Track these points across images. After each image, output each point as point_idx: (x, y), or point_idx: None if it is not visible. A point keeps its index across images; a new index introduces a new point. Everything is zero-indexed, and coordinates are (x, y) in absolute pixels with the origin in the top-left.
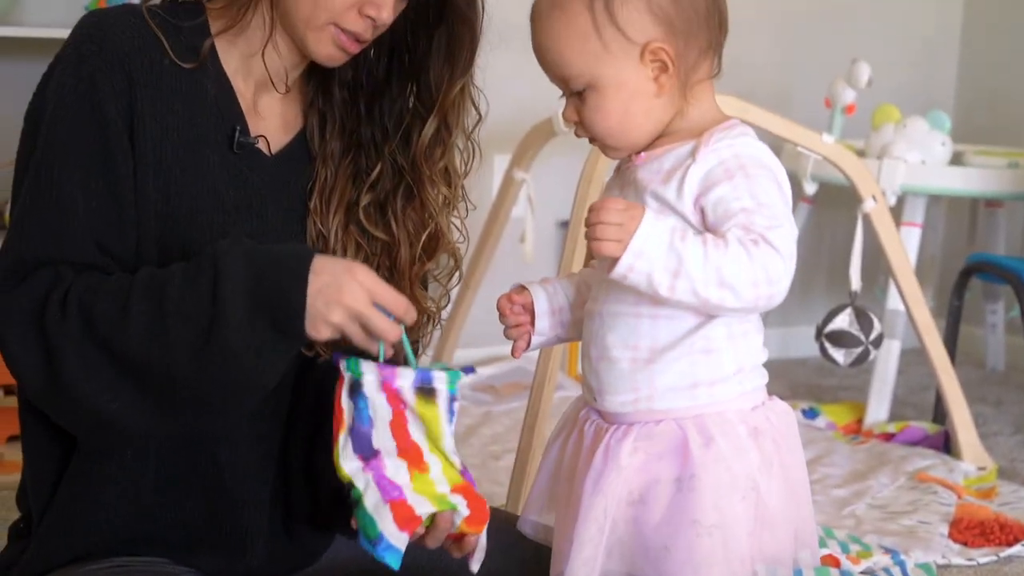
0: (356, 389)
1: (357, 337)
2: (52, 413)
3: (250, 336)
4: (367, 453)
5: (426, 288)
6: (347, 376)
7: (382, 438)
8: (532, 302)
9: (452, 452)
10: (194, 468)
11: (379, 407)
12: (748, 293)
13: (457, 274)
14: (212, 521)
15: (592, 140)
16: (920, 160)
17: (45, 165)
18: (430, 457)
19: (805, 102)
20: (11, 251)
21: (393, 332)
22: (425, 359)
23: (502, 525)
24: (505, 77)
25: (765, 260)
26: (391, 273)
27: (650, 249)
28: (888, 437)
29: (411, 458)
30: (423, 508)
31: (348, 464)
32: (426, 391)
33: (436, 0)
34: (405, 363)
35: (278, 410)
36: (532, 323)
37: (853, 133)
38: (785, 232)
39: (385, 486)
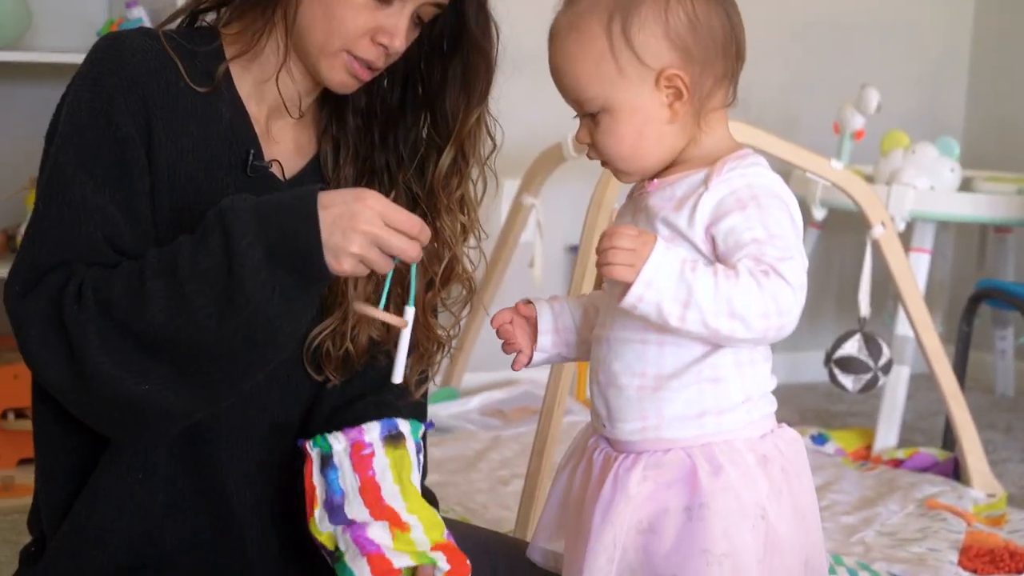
0: (326, 463)
1: (377, 263)
2: (82, 410)
3: (271, 282)
4: (344, 526)
5: (436, 316)
6: (315, 453)
7: (355, 508)
8: (536, 317)
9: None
10: (202, 492)
11: (348, 476)
12: (758, 324)
13: (470, 304)
14: (218, 545)
15: (604, 163)
16: (929, 186)
17: (57, 172)
18: (409, 517)
19: (814, 127)
20: (25, 258)
21: (412, 249)
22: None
23: (511, 551)
24: (515, 103)
25: (776, 291)
26: (403, 299)
27: (661, 279)
28: (897, 463)
29: (390, 520)
30: (402, 562)
31: (326, 527)
32: (393, 437)
33: (451, 30)
34: (407, 294)
35: (286, 437)
36: (535, 339)
37: (862, 159)
38: (796, 264)
39: (364, 543)
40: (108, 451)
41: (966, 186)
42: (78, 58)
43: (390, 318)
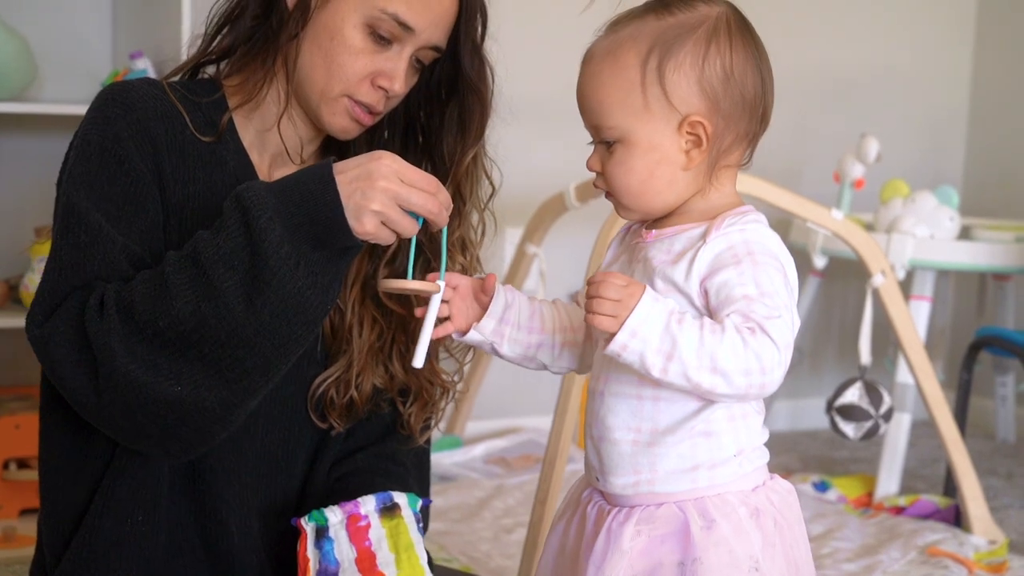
0: (321, 535)
1: (400, 222)
2: (119, 428)
3: (294, 256)
4: None
5: (439, 360)
6: (310, 527)
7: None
8: (491, 298)
9: (424, 562)
10: (203, 535)
11: (344, 547)
12: (740, 381)
13: (472, 349)
14: None
15: (608, 195)
16: (929, 234)
17: (71, 207)
18: None
19: (815, 177)
20: (46, 285)
21: (432, 204)
22: (436, 433)
23: None
24: (517, 151)
25: (760, 350)
26: (407, 347)
27: (645, 330)
28: (899, 510)
29: None
30: None
31: None
32: (388, 509)
33: (447, 76)
34: (437, 258)
35: (289, 482)
36: (479, 316)
37: (862, 207)
38: (783, 323)
39: None
40: (109, 493)
41: (965, 234)
42: (82, 109)
43: (420, 285)
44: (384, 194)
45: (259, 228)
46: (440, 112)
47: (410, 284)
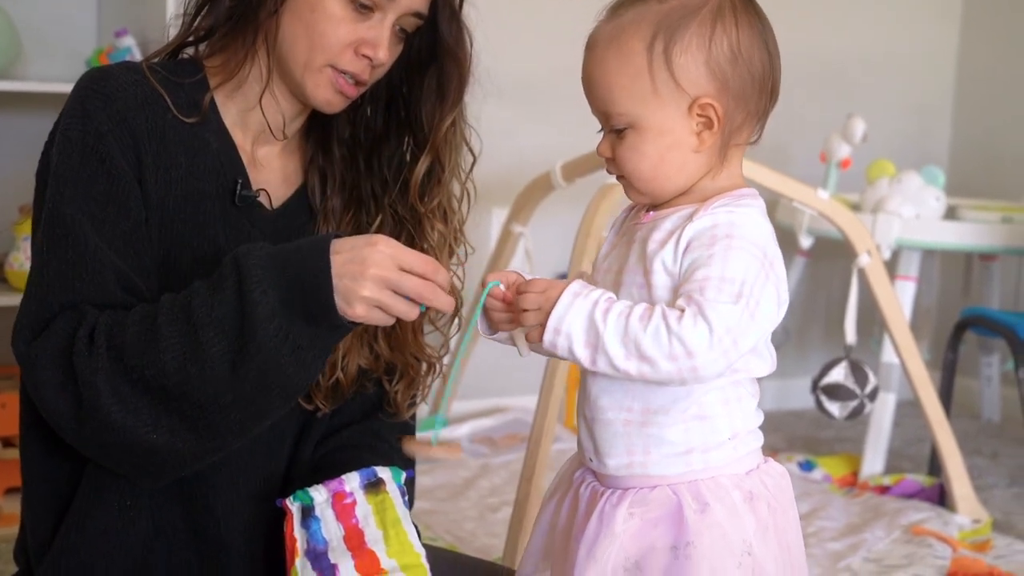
0: (307, 514)
1: (395, 307)
2: (91, 453)
3: (283, 331)
4: (326, 570)
5: (423, 334)
6: (295, 507)
7: (338, 554)
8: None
9: (413, 536)
10: (189, 520)
11: (331, 526)
12: (667, 366)
13: (456, 320)
14: (206, 574)
15: (619, 178)
16: (915, 214)
17: (58, 216)
18: (388, 563)
19: (801, 157)
20: (34, 300)
21: (426, 289)
22: (423, 409)
23: None
24: (504, 131)
25: (684, 333)
26: (396, 322)
27: (567, 325)
28: (884, 490)
29: (369, 568)
30: None
31: (308, 574)
32: (372, 485)
33: (426, 43)
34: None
35: (275, 464)
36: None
37: (848, 187)
38: (731, 309)
39: None
40: (94, 479)
41: (951, 214)
42: (67, 87)
43: (442, 453)
44: (375, 281)
45: (252, 299)
46: (420, 81)
47: (434, 451)
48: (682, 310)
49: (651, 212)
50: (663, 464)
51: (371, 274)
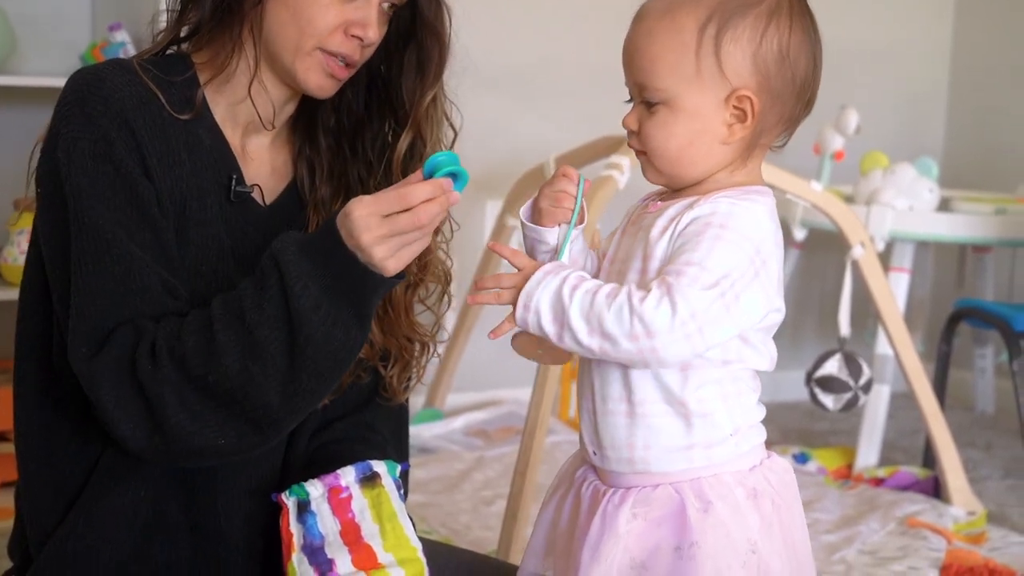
0: (303, 509)
1: (410, 243)
2: (158, 460)
3: (333, 314)
4: (323, 565)
5: (414, 314)
6: (291, 502)
7: (335, 548)
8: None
9: (410, 530)
10: (189, 512)
11: (327, 521)
12: (627, 345)
13: (447, 298)
14: (205, 565)
15: (639, 154)
16: (908, 206)
17: (93, 229)
18: (385, 557)
19: (795, 148)
20: (86, 318)
21: (421, 217)
22: (418, 402)
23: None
24: (498, 123)
25: (646, 314)
26: (386, 306)
27: (535, 302)
28: (878, 482)
29: (366, 563)
30: None
31: (305, 570)
32: (368, 479)
33: (405, 21)
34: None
35: (273, 456)
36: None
37: (842, 179)
38: (699, 296)
39: None
40: (108, 467)
41: (945, 206)
42: (61, 81)
43: (551, 355)
44: (375, 244)
45: (295, 294)
46: (399, 58)
47: (542, 351)
48: (649, 290)
49: (659, 202)
50: (664, 460)
51: (366, 241)
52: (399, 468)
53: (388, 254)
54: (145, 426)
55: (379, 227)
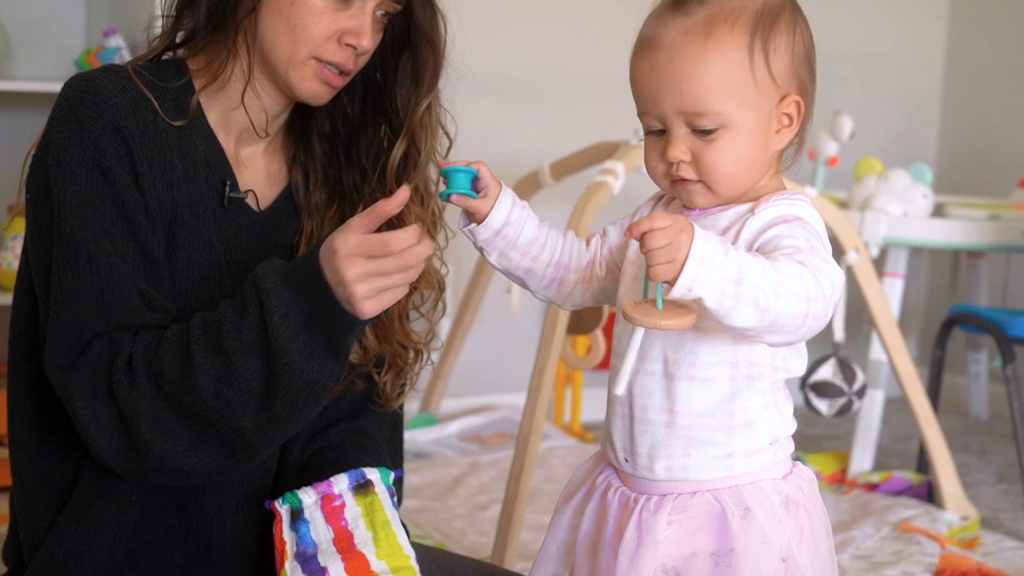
0: (296, 517)
1: (393, 286)
2: (132, 475)
3: (309, 345)
4: (316, 573)
5: (409, 320)
6: (284, 510)
7: (328, 556)
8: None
9: (403, 538)
10: (182, 518)
11: (320, 528)
12: (800, 307)
13: (441, 305)
14: (198, 571)
15: (686, 181)
16: (902, 212)
17: (76, 239)
18: (378, 565)
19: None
20: (64, 327)
21: (407, 260)
22: (412, 407)
23: None
24: (492, 129)
25: (818, 274)
26: (378, 318)
27: (706, 269)
28: (872, 487)
29: (359, 571)
30: None
31: None
32: (361, 486)
33: (400, 29)
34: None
35: (266, 468)
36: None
37: (836, 185)
38: (833, 270)
39: None
40: (97, 473)
41: (939, 212)
42: (56, 86)
43: (673, 320)
44: (358, 282)
45: (274, 324)
46: (394, 66)
47: (662, 319)
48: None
49: (692, 212)
50: (704, 468)
51: (350, 278)
52: (392, 475)
53: (369, 295)
54: (118, 440)
55: (363, 265)
